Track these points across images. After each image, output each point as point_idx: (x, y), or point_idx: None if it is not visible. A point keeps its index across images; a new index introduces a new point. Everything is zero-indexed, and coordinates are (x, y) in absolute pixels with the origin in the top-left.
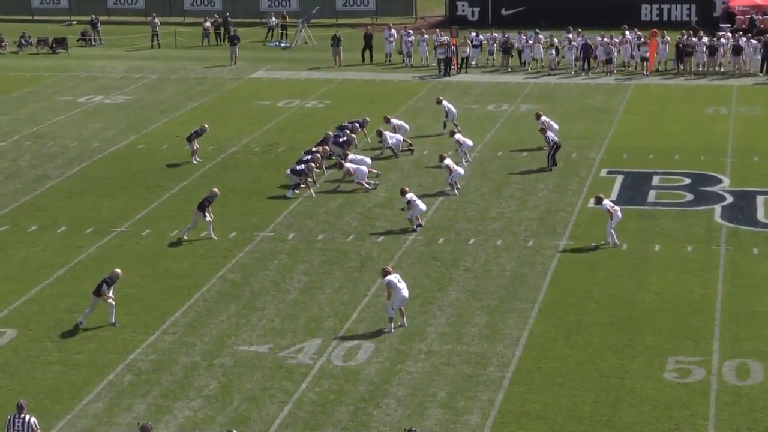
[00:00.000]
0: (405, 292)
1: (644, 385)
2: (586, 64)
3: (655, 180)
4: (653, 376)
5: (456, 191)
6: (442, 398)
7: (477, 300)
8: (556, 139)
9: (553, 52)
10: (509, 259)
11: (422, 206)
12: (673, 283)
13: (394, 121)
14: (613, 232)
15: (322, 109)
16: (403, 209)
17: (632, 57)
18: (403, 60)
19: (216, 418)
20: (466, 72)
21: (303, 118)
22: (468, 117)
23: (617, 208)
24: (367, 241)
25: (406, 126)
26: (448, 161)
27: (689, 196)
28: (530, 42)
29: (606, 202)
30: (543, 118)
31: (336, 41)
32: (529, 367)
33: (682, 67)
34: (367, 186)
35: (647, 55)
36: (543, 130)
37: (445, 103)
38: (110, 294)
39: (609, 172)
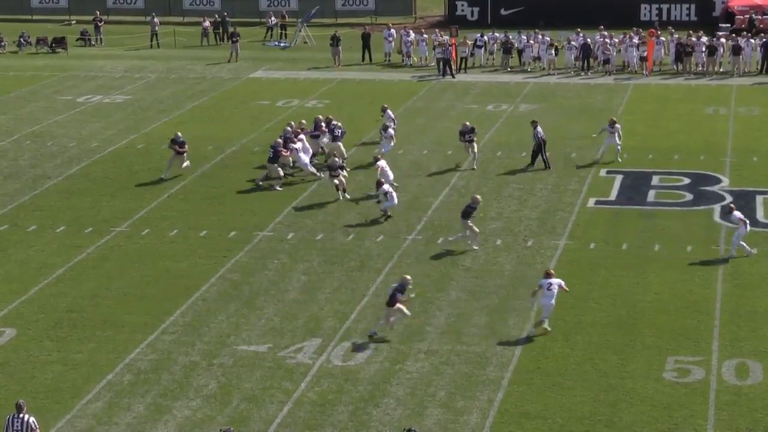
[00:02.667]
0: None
1: (643, 385)
2: (585, 64)
3: (655, 180)
4: (653, 375)
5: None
6: (441, 398)
7: (476, 299)
8: (543, 135)
9: (553, 52)
10: (509, 259)
11: (395, 200)
12: (673, 283)
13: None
14: (742, 243)
15: (322, 109)
16: (378, 201)
17: (642, 59)
18: (403, 60)
19: (215, 418)
20: (465, 72)
21: (302, 117)
22: (467, 117)
23: (747, 220)
24: (367, 240)
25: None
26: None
27: (689, 196)
28: (531, 42)
29: (737, 213)
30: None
31: (335, 41)
32: (529, 367)
33: (681, 67)
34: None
35: (646, 54)
36: (535, 124)
37: (389, 112)
38: (404, 298)
39: (608, 172)
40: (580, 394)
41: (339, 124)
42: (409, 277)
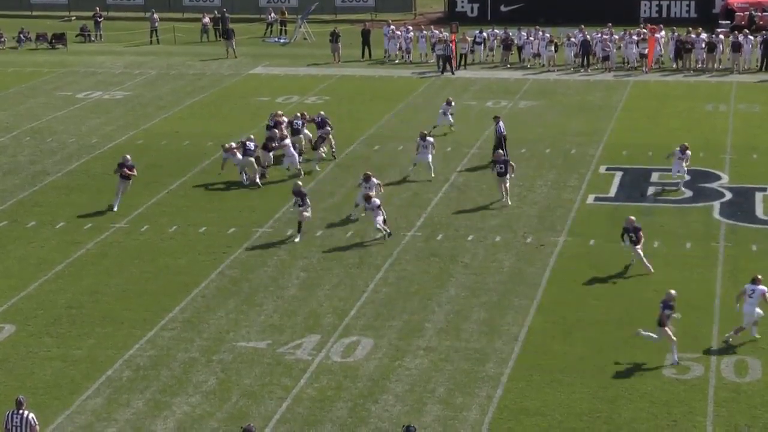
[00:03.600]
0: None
1: (643, 382)
2: (585, 60)
3: (654, 176)
4: (652, 372)
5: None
6: (440, 394)
7: (476, 296)
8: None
9: (552, 48)
10: (508, 256)
11: (380, 217)
12: (672, 280)
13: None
14: None
15: (322, 105)
16: (363, 209)
17: (642, 56)
18: (402, 56)
19: (214, 414)
20: (465, 68)
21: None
22: (467, 113)
23: None
24: (366, 237)
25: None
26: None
27: (688, 193)
28: (531, 38)
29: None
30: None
31: (335, 37)
32: (528, 364)
33: (680, 64)
34: (244, 180)
35: (646, 51)
36: (497, 119)
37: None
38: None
39: (608, 169)
40: (579, 391)
41: (312, 116)
42: (673, 292)
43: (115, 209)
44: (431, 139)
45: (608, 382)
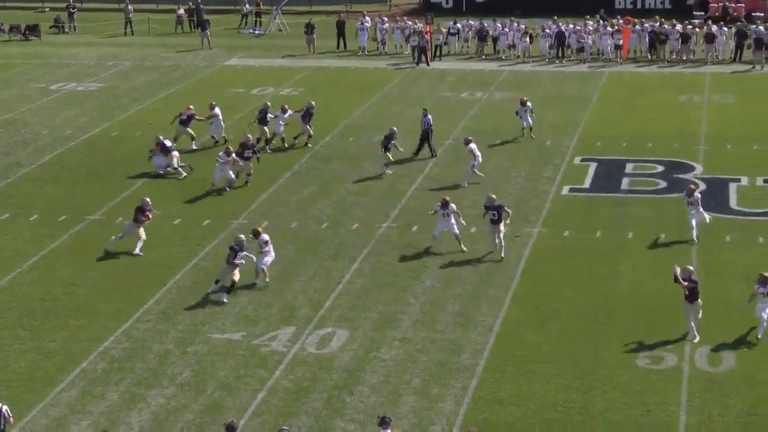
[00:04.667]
0: None
1: (617, 372)
2: (560, 51)
3: (629, 167)
4: (626, 362)
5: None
6: (416, 385)
7: (451, 287)
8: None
9: (527, 39)
10: (483, 247)
11: (270, 258)
12: (646, 271)
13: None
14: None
15: (297, 97)
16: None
17: (617, 47)
18: (377, 47)
19: (189, 406)
20: (440, 60)
21: (277, 105)
22: (442, 105)
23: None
24: (341, 229)
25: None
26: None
27: (662, 184)
28: (505, 30)
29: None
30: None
31: (310, 29)
32: (503, 355)
33: (655, 55)
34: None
35: (621, 42)
36: (425, 113)
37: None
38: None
39: (583, 160)
40: (554, 381)
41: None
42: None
43: (138, 252)
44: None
45: (582, 372)
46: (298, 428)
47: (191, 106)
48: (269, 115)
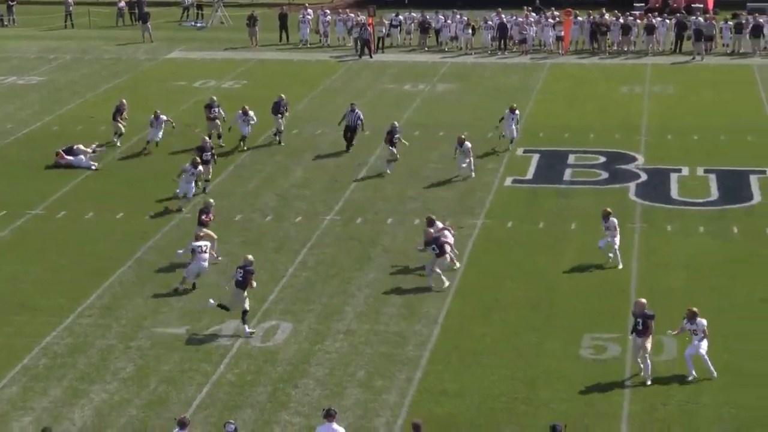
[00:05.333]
0: None
1: (560, 363)
2: (502, 43)
3: (571, 158)
4: (569, 353)
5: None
6: (360, 378)
7: (395, 279)
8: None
9: (470, 31)
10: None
11: (203, 264)
12: (589, 261)
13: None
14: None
15: (239, 90)
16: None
17: (559, 38)
18: (320, 40)
19: (132, 401)
20: (382, 52)
21: (220, 98)
22: (385, 97)
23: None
24: (285, 221)
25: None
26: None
27: (604, 174)
28: (448, 22)
29: (613, 219)
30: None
31: (252, 21)
32: (447, 346)
33: (596, 46)
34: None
35: (563, 34)
36: (353, 108)
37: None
38: None
39: (525, 151)
40: (498, 373)
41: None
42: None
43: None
44: (469, 144)
45: (526, 363)
46: (243, 421)
47: (124, 100)
48: (240, 118)
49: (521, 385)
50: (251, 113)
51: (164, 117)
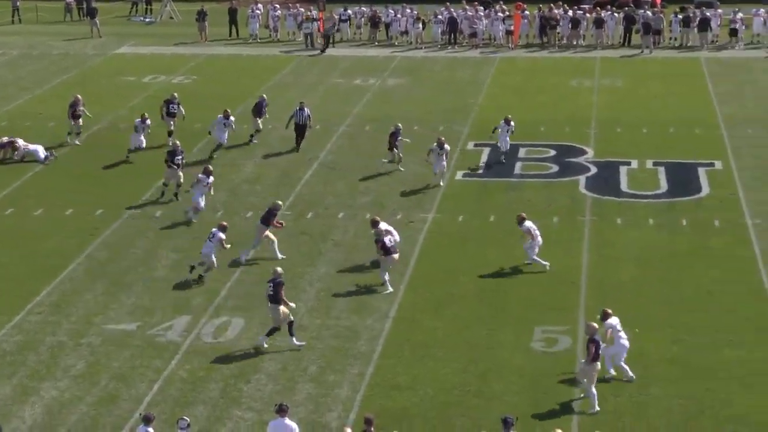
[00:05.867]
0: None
1: (512, 355)
2: (452, 37)
3: (522, 152)
4: (521, 345)
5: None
6: (312, 372)
7: (346, 274)
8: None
9: (420, 25)
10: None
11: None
12: (540, 255)
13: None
14: (536, 258)
15: (189, 85)
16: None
17: (508, 32)
18: (270, 34)
19: (83, 398)
20: (333, 46)
21: (170, 93)
22: (335, 91)
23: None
24: (236, 216)
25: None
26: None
27: (554, 168)
28: (398, 16)
29: (527, 223)
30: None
31: (201, 16)
32: (399, 340)
33: (546, 40)
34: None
35: (512, 28)
36: (302, 106)
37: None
38: None
39: (476, 145)
40: (450, 366)
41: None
42: None
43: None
44: (447, 147)
45: (478, 356)
46: (194, 418)
47: (78, 96)
48: (220, 122)
49: (473, 378)
50: (232, 118)
51: (149, 121)
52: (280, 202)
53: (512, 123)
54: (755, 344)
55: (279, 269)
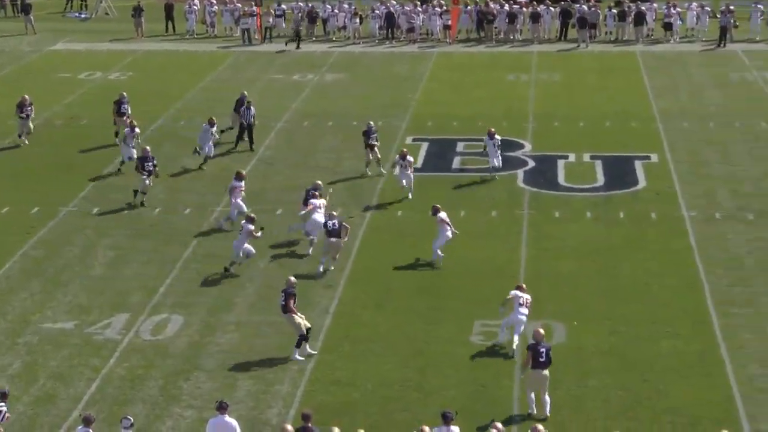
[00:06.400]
0: None
1: (451, 349)
2: (390, 32)
3: (460, 146)
4: (460, 339)
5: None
6: (252, 369)
7: (286, 270)
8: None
9: (357, 20)
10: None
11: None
12: (479, 249)
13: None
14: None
15: (126, 81)
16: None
17: (446, 27)
18: (207, 30)
19: (21, 398)
20: (270, 42)
21: (106, 90)
22: (273, 87)
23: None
24: (174, 214)
25: None
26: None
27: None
28: (335, 11)
29: (441, 214)
30: None
31: (137, 12)
32: (339, 335)
33: (483, 35)
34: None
35: (450, 23)
36: (249, 105)
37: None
38: None
39: (414, 140)
40: (390, 361)
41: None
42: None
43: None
44: (410, 159)
45: (418, 350)
46: (134, 416)
47: (26, 96)
48: (206, 132)
49: (413, 372)
50: (216, 126)
51: (138, 129)
52: (319, 182)
53: (497, 136)
54: (691, 336)
55: (293, 279)
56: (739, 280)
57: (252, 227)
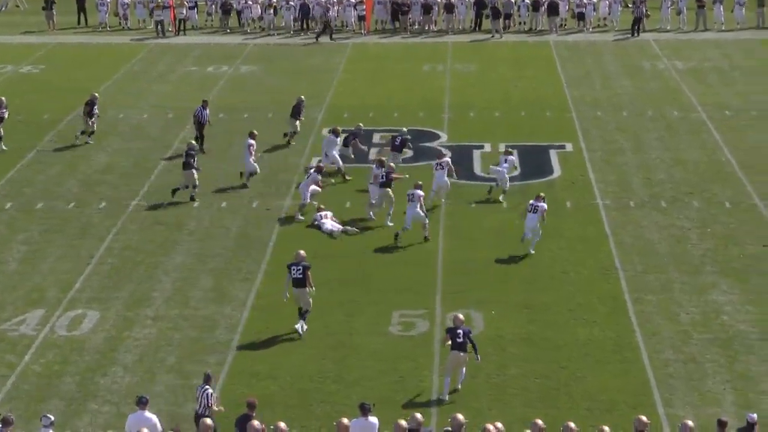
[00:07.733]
0: None
1: (370, 340)
2: (304, 24)
3: (376, 138)
4: (379, 330)
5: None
6: (170, 363)
7: (203, 263)
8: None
9: (272, 12)
10: (234, 221)
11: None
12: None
13: None
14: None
15: (37, 75)
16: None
17: (361, 18)
18: (120, 23)
19: None
20: (184, 34)
21: (18, 83)
22: (188, 79)
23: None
24: (89, 207)
25: None
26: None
27: (409, 153)
28: (250, 3)
29: (418, 191)
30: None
31: (49, 4)
32: (258, 328)
33: (398, 25)
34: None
35: (364, 14)
36: (205, 104)
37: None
38: None
39: (330, 131)
40: (309, 353)
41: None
42: None
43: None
44: (421, 192)
45: (336, 342)
46: (51, 412)
47: (2, 98)
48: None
49: (332, 363)
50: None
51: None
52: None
53: (512, 156)
54: (606, 323)
55: (302, 252)
56: (653, 267)
57: (319, 177)
